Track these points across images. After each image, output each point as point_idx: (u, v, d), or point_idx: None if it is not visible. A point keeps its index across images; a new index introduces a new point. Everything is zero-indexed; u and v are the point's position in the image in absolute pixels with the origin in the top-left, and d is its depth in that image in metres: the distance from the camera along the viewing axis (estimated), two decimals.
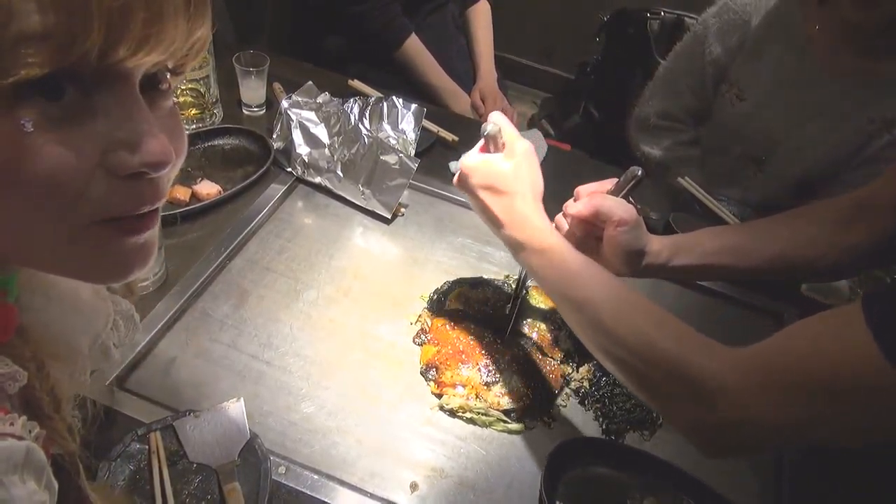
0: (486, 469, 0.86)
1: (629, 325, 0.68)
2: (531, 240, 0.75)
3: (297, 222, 1.15)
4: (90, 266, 0.41)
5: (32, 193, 0.34)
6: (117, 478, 0.76)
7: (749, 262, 0.86)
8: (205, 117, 1.27)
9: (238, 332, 0.96)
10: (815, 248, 0.85)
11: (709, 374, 0.62)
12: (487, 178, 0.78)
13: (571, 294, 0.72)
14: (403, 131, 1.23)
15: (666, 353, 0.65)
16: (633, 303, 0.70)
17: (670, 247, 0.86)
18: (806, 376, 0.58)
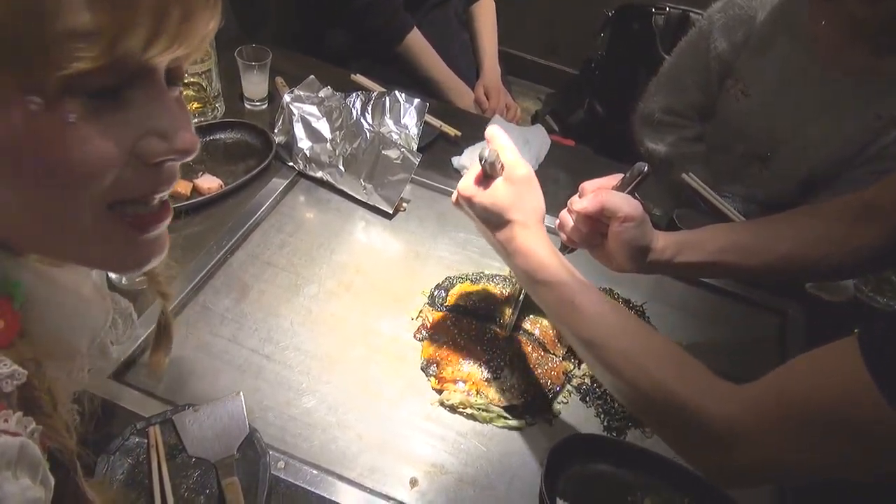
0: (486, 465, 0.86)
1: (638, 368, 0.67)
2: (537, 271, 0.73)
3: (299, 217, 1.15)
4: (113, 254, 0.44)
5: (71, 181, 0.36)
6: (116, 472, 0.76)
7: (754, 260, 0.85)
8: (206, 111, 1.26)
9: (238, 327, 0.96)
10: (821, 248, 0.84)
11: (722, 420, 0.62)
12: (486, 208, 0.75)
13: (580, 332, 0.71)
14: (406, 126, 1.23)
15: (675, 398, 0.64)
16: (643, 344, 0.69)
17: (675, 244, 0.85)
18: (810, 417, 0.58)
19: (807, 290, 1.18)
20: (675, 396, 0.64)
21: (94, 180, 0.37)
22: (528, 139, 1.35)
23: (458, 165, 1.28)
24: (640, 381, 0.66)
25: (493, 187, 0.75)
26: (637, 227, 0.80)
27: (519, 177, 0.75)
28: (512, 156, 0.76)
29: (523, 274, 0.75)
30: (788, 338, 1.10)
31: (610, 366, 0.68)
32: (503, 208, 0.74)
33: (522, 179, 0.75)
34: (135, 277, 0.94)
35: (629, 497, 0.84)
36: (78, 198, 0.38)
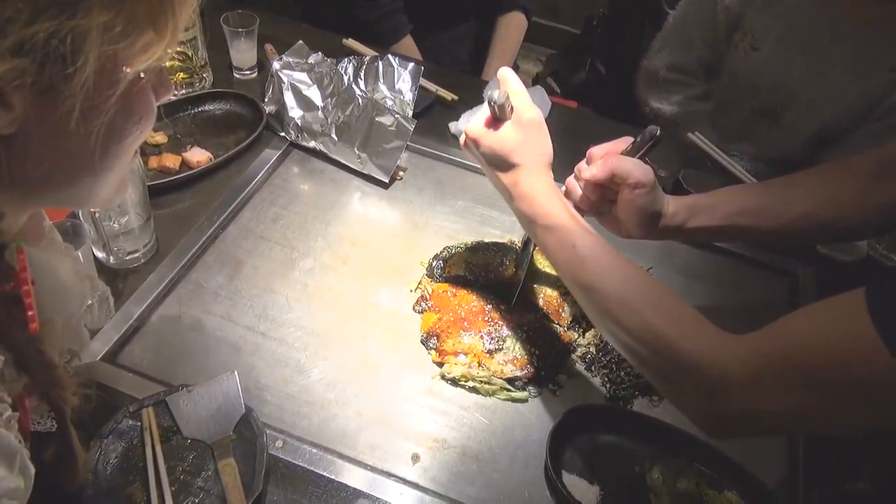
0: (489, 438, 0.83)
1: (635, 314, 0.66)
2: (540, 216, 0.73)
3: (293, 189, 1.11)
4: (119, 187, 0.52)
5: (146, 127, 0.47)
6: (109, 456, 0.74)
7: (768, 223, 0.82)
8: (193, 82, 1.22)
9: (232, 304, 0.93)
10: (837, 208, 0.80)
11: (713, 366, 0.61)
12: (493, 151, 0.75)
13: (579, 277, 0.70)
14: (400, 91, 1.18)
15: (671, 344, 0.63)
16: (641, 290, 0.68)
17: (687, 208, 0.82)
18: (808, 368, 0.57)
19: (818, 251, 1.14)
20: (669, 342, 0.63)
21: (153, 121, 0.48)
22: None
23: (456, 131, 1.24)
24: (635, 327, 0.65)
25: (502, 130, 0.74)
26: (649, 194, 0.77)
27: (527, 120, 0.74)
28: (522, 100, 0.75)
29: (526, 218, 0.75)
30: (799, 300, 1.07)
31: (607, 311, 0.68)
32: (510, 151, 0.74)
33: (531, 123, 0.74)
34: (123, 256, 0.92)
35: (637, 467, 0.82)
36: (140, 142, 0.49)
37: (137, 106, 0.46)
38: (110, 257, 0.91)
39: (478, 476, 0.80)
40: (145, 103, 0.46)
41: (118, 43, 0.40)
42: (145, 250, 0.94)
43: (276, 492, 0.75)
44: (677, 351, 0.63)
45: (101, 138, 0.43)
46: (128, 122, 0.45)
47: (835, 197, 0.79)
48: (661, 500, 0.80)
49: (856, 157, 0.83)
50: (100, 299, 0.71)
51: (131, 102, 0.44)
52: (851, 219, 0.79)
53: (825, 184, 0.81)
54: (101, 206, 0.54)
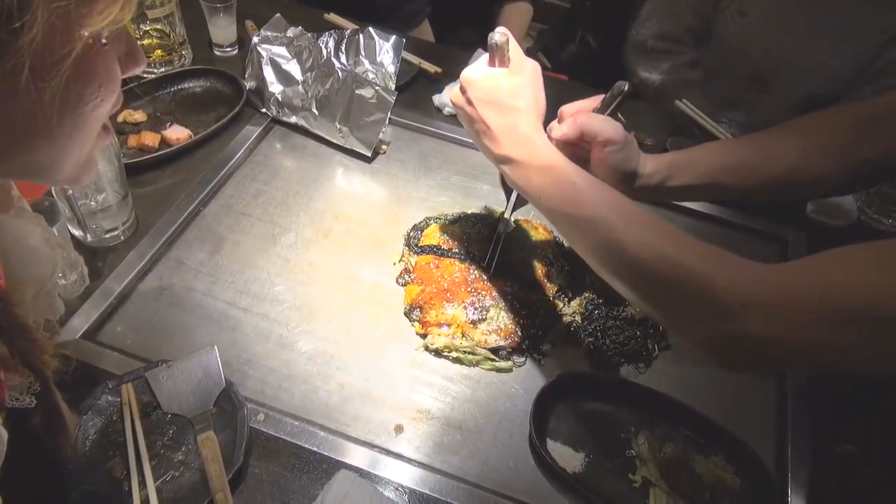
0: (473, 409, 0.83)
1: (645, 241, 0.63)
2: (532, 157, 0.70)
3: (274, 165, 1.10)
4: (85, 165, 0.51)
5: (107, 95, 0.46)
6: (88, 432, 0.73)
7: (752, 180, 0.79)
8: (172, 59, 1.21)
9: (213, 280, 0.92)
10: (824, 163, 0.77)
11: (734, 287, 0.57)
12: (490, 93, 0.72)
13: (578, 212, 0.67)
14: (382, 64, 1.16)
15: (687, 267, 0.60)
16: (648, 219, 0.65)
17: (667, 166, 0.80)
18: (839, 301, 0.53)
19: (808, 216, 1.13)
20: (685, 266, 0.60)
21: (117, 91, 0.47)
22: None
23: (440, 103, 1.22)
24: (643, 254, 0.62)
25: (500, 73, 0.73)
26: (621, 151, 0.76)
27: (526, 67, 0.73)
28: (518, 53, 0.74)
29: (517, 163, 0.71)
30: None
31: (613, 243, 0.64)
32: (508, 92, 0.72)
33: (529, 71, 0.73)
34: (102, 234, 0.91)
35: (622, 434, 0.82)
36: (105, 112, 0.47)
37: (97, 72, 0.44)
38: (87, 235, 0.90)
39: (462, 446, 0.79)
40: (106, 70, 0.45)
41: (69, 0, 0.38)
42: (124, 228, 0.93)
43: (257, 464, 0.74)
44: (694, 273, 0.59)
45: (58, 102, 0.42)
46: (87, 87, 0.44)
47: (819, 151, 0.77)
48: (648, 466, 0.79)
49: (840, 109, 0.80)
50: (72, 267, 0.70)
51: (90, 67, 0.43)
52: (838, 175, 0.77)
53: (809, 138, 0.78)
54: (69, 182, 0.53)
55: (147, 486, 0.69)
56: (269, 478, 0.73)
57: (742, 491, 0.77)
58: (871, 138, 0.75)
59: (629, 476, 0.78)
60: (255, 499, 0.72)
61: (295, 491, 0.73)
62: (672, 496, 0.76)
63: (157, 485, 0.70)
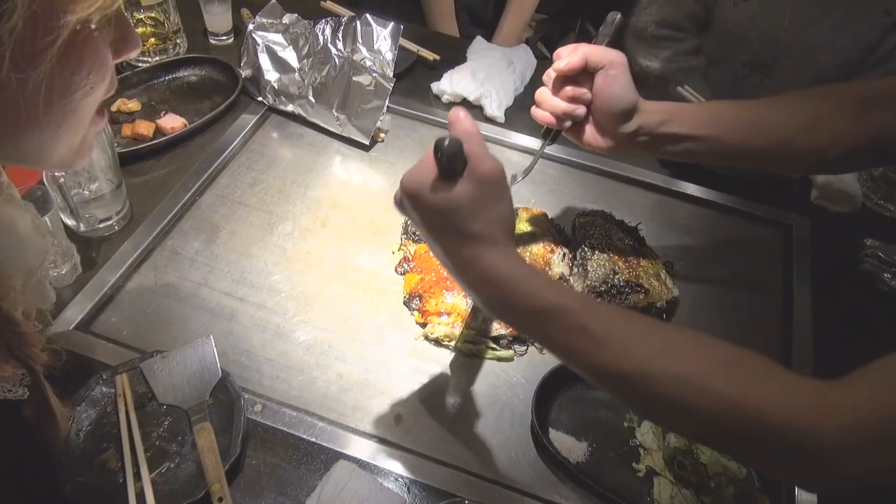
0: (474, 398, 0.82)
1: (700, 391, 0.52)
2: (514, 302, 0.56)
3: (271, 153, 1.09)
4: (79, 150, 0.49)
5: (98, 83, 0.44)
6: (82, 423, 0.72)
7: (755, 140, 0.75)
8: (167, 48, 1.19)
9: (209, 270, 0.91)
10: (828, 132, 0.75)
11: (817, 434, 0.50)
12: (440, 217, 0.56)
13: (603, 365, 0.54)
14: (379, 51, 1.14)
15: (763, 416, 0.51)
16: (691, 355, 0.54)
17: (665, 111, 0.76)
18: None
19: (811, 202, 1.12)
20: (759, 414, 0.51)
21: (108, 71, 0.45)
22: (513, 59, 1.27)
23: (438, 91, 1.21)
24: (705, 407, 0.51)
25: (450, 186, 0.56)
26: (625, 74, 0.73)
27: (485, 174, 0.56)
28: (478, 147, 0.57)
29: (502, 307, 0.58)
30: (794, 253, 1.04)
31: (657, 396, 0.53)
32: (463, 215, 0.56)
33: (489, 179, 0.56)
34: (95, 223, 0.89)
35: (625, 423, 0.80)
36: (97, 99, 0.46)
37: (85, 58, 0.43)
38: (80, 224, 0.88)
39: (462, 436, 0.78)
40: (95, 56, 0.43)
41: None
42: (118, 217, 0.92)
43: (254, 456, 0.73)
44: (773, 423, 0.50)
45: (44, 91, 0.40)
46: (75, 75, 0.43)
47: (822, 122, 0.74)
48: (652, 455, 0.78)
49: (851, 85, 0.78)
50: (64, 256, 0.69)
51: (77, 54, 0.42)
52: (841, 148, 0.74)
53: (817, 108, 0.76)
54: (61, 168, 0.51)
55: (142, 477, 0.68)
56: (266, 469, 0.72)
57: (748, 480, 0.76)
58: (875, 118, 0.73)
59: (633, 465, 0.77)
60: (253, 490, 0.71)
61: (293, 482, 0.72)
62: (676, 486, 0.75)
63: (153, 476, 0.68)
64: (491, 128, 1.17)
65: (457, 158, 0.56)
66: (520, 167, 1.11)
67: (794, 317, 0.94)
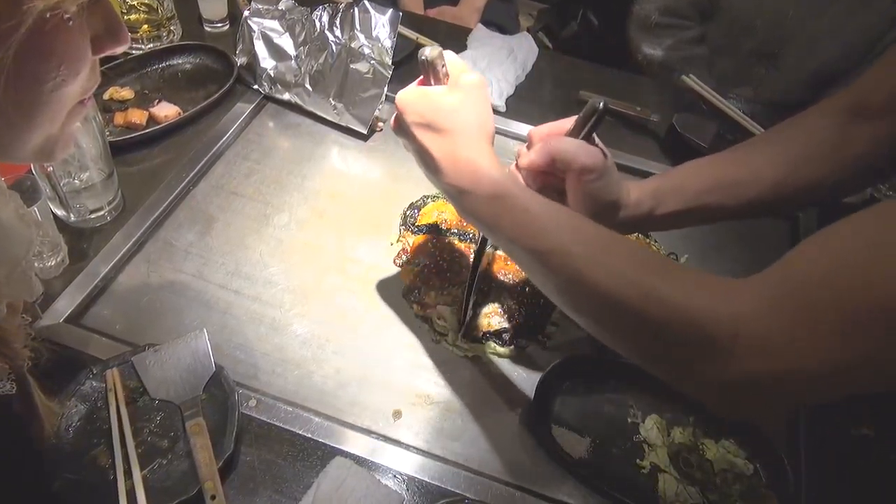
0: (475, 393, 0.80)
1: (613, 271, 0.54)
2: (479, 186, 0.60)
3: (267, 143, 1.06)
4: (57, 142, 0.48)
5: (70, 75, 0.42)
6: (71, 419, 0.70)
7: (746, 195, 0.72)
8: (161, 35, 1.16)
9: (204, 262, 0.89)
10: (815, 166, 0.71)
11: (724, 318, 0.49)
12: (425, 114, 0.63)
13: (535, 244, 0.58)
14: (378, 39, 1.12)
15: (665, 299, 0.51)
16: (616, 246, 0.57)
17: (653, 193, 0.72)
18: (852, 303, 0.44)
19: None
20: (658, 297, 0.51)
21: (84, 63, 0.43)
22: (514, 48, 1.25)
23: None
24: (612, 286, 0.53)
25: (435, 92, 0.63)
26: (599, 179, 0.67)
27: (466, 82, 0.63)
28: (459, 63, 0.65)
29: (463, 192, 0.61)
30: None
31: (574, 274, 0.55)
32: (445, 112, 0.62)
33: (471, 86, 0.63)
34: (86, 213, 0.87)
35: (629, 418, 0.78)
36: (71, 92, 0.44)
37: (55, 49, 0.40)
38: (71, 215, 0.86)
39: (463, 432, 0.76)
40: (68, 48, 0.41)
41: None
42: (110, 208, 0.89)
43: (249, 452, 0.71)
44: (674, 307, 0.50)
45: (6, 80, 0.38)
46: (42, 65, 0.40)
47: (809, 155, 0.70)
48: (656, 451, 0.76)
49: (826, 104, 0.74)
50: (51, 246, 0.67)
51: (46, 44, 0.39)
52: (832, 178, 0.70)
53: (796, 141, 0.72)
54: (38, 160, 0.49)
55: (133, 475, 0.66)
56: (261, 465, 0.70)
57: (755, 476, 0.74)
58: (859, 133, 0.69)
59: (637, 462, 0.75)
60: (247, 487, 0.69)
61: (288, 479, 0.70)
62: (682, 482, 0.73)
63: (144, 473, 0.67)
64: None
65: (436, 64, 0.63)
66: None
67: None
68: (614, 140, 0.71)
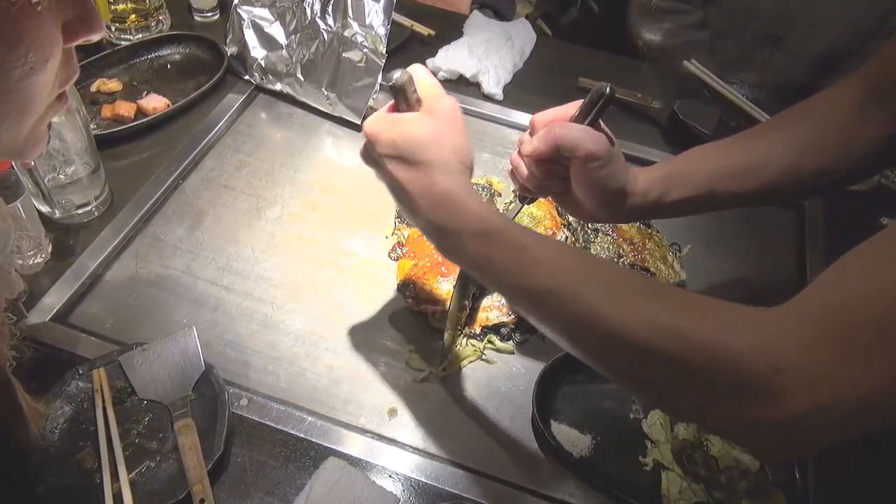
0: (472, 389, 0.78)
1: (632, 311, 0.49)
2: (463, 223, 0.55)
3: (258, 135, 1.04)
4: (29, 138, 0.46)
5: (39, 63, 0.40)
6: (57, 420, 0.68)
7: (754, 182, 0.70)
8: (149, 25, 1.14)
9: (194, 257, 0.87)
10: (826, 151, 0.69)
11: (763, 352, 0.44)
12: (397, 145, 0.57)
13: (535, 283, 0.53)
14: (371, 26, 1.09)
15: (697, 339, 0.46)
16: (629, 281, 0.54)
17: (660, 181, 0.69)
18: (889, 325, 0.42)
19: None
20: (689, 337, 0.46)
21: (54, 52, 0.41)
22: (511, 34, 1.22)
23: (433, 68, 1.15)
24: (629, 325, 0.48)
25: (407, 120, 0.58)
26: (605, 167, 0.64)
27: (440, 108, 0.58)
28: (433, 87, 0.60)
29: (448, 230, 0.56)
30: (807, 234, 1.00)
31: (584, 315, 0.51)
32: (419, 143, 0.56)
33: (444, 112, 0.58)
34: (72, 209, 0.85)
35: (631, 414, 0.76)
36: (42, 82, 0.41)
37: (22, 35, 0.38)
38: (55, 210, 0.84)
39: (460, 430, 0.74)
40: (37, 34, 0.39)
41: None
42: (97, 203, 0.87)
43: (240, 453, 0.69)
44: (702, 343, 0.46)
45: None
46: (9, 52, 0.38)
47: (819, 140, 0.68)
48: (659, 448, 0.74)
49: (837, 87, 0.71)
50: (34, 243, 0.65)
51: (12, 29, 0.37)
52: (844, 162, 0.68)
53: (807, 127, 0.69)
54: (9, 157, 0.47)
55: (120, 477, 0.64)
56: (252, 467, 0.69)
57: (761, 473, 0.72)
58: (872, 116, 0.66)
59: (639, 459, 0.73)
60: (238, 490, 0.67)
61: (281, 480, 0.68)
62: (686, 480, 0.71)
63: (131, 476, 0.65)
64: (489, 106, 1.12)
65: (407, 89, 0.58)
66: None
67: None
68: (615, 127, 0.69)
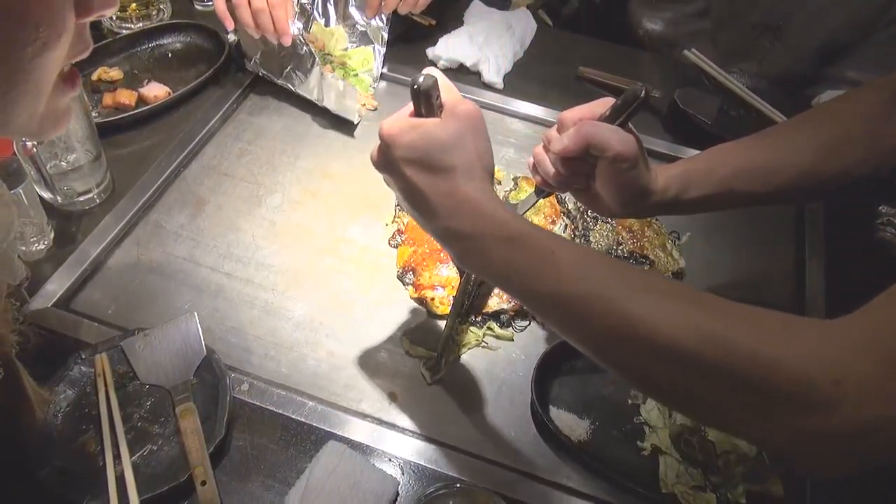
0: (472, 375, 0.78)
1: (667, 316, 0.47)
2: (486, 228, 0.54)
3: (259, 123, 1.04)
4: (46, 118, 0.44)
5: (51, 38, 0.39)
6: (60, 405, 0.69)
7: (775, 181, 0.70)
8: (150, 13, 1.14)
9: (195, 244, 0.87)
10: (850, 152, 0.69)
11: (816, 363, 0.44)
12: (418, 149, 0.55)
13: (564, 289, 0.51)
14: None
15: (743, 346, 0.45)
16: (661, 285, 0.52)
17: (679, 179, 0.70)
18: None
19: None
20: (733, 344, 0.45)
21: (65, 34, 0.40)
22: (512, 23, 1.22)
23: (434, 57, 1.16)
24: (675, 336, 0.46)
25: (429, 125, 0.55)
26: (633, 169, 0.64)
27: (463, 111, 0.56)
28: (453, 92, 0.58)
29: (468, 237, 0.55)
30: (806, 223, 1.00)
31: (622, 324, 0.48)
32: (442, 147, 0.54)
33: (467, 115, 0.56)
34: (73, 196, 0.85)
35: (629, 400, 0.77)
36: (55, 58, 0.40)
37: (31, 8, 0.38)
38: (57, 197, 0.84)
39: (460, 415, 0.75)
40: (46, 8, 0.39)
41: None
42: (99, 190, 0.88)
43: (241, 437, 0.70)
44: (756, 354, 0.44)
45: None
46: (19, 27, 0.38)
47: (843, 141, 0.68)
48: (657, 433, 0.75)
49: (863, 89, 0.71)
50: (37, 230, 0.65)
51: (21, 3, 0.37)
52: (867, 164, 0.68)
53: (830, 127, 0.69)
54: (25, 137, 0.47)
55: (122, 461, 0.65)
56: (253, 451, 0.69)
57: (758, 457, 0.72)
58: (893, 121, 0.66)
59: (637, 444, 0.74)
60: (239, 473, 0.67)
61: (281, 464, 0.68)
62: (683, 464, 0.72)
63: (133, 459, 0.65)
64: (489, 95, 1.12)
65: (431, 94, 0.55)
66: (519, 135, 1.08)
67: (806, 290, 0.90)
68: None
